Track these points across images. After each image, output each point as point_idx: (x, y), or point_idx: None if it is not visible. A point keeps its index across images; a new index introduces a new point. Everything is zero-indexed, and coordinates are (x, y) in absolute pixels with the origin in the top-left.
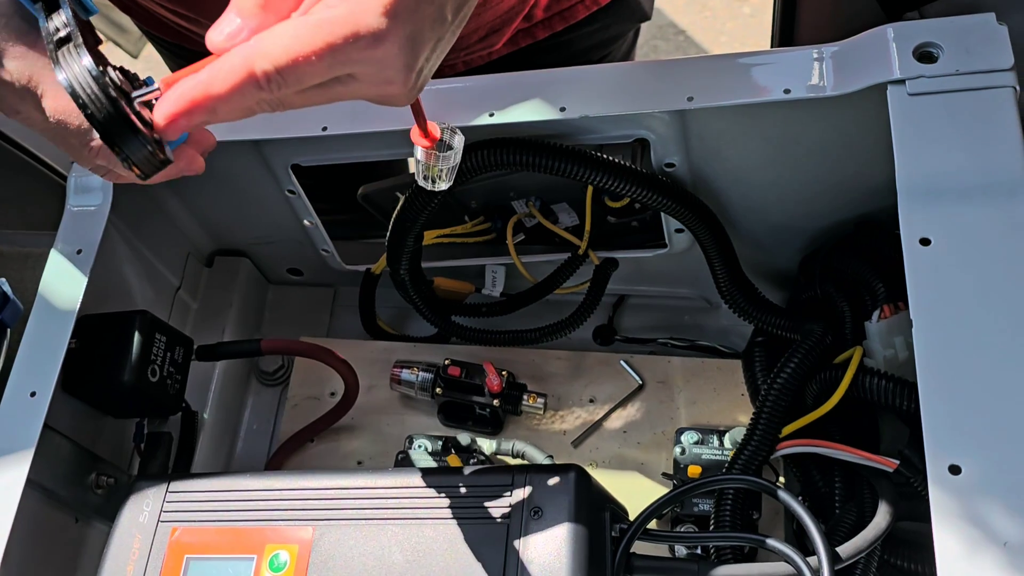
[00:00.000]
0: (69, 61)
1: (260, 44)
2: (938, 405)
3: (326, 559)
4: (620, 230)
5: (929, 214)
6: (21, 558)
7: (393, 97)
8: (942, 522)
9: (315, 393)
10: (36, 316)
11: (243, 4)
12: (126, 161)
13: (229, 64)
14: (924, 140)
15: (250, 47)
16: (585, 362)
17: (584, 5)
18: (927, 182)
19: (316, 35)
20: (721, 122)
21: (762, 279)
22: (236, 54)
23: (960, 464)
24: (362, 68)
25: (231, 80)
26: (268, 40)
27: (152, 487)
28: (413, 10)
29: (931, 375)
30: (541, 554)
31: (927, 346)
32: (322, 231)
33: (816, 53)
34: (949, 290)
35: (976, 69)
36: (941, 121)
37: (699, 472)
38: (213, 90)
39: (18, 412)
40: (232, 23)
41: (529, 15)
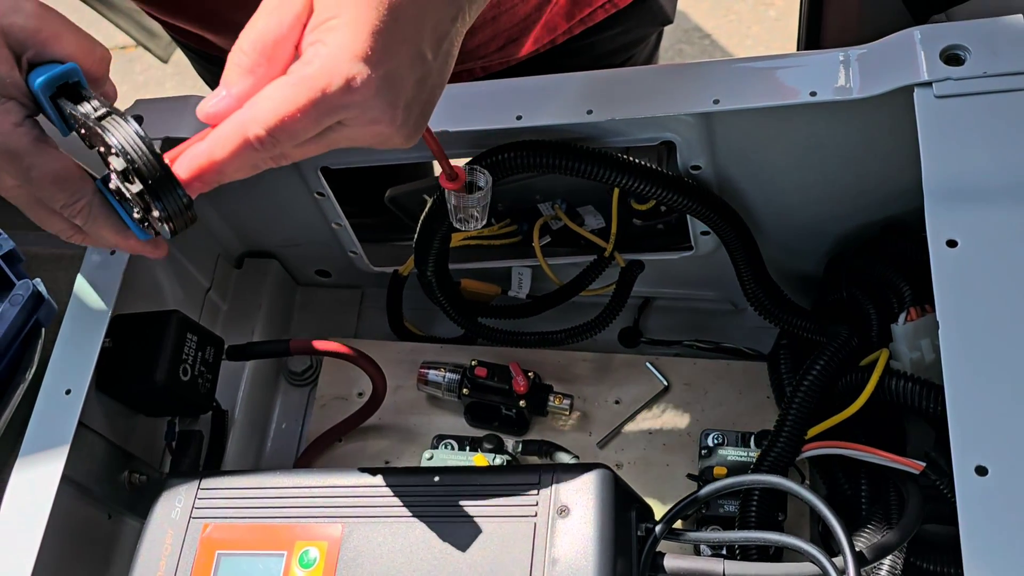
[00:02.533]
0: (117, 127)
1: (251, 110)
2: (965, 406)
3: (355, 556)
4: (646, 233)
5: (956, 216)
6: (56, 553)
7: (388, 137)
8: (969, 523)
9: (343, 393)
10: (71, 315)
11: (228, 75)
12: (165, 217)
13: (225, 132)
14: (951, 142)
15: (242, 114)
16: (611, 364)
17: (604, 9)
18: (954, 184)
19: (298, 93)
20: (747, 125)
21: (788, 281)
22: (230, 122)
23: (987, 465)
24: (347, 114)
25: (229, 147)
26: (257, 105)
27: (184, 484)
28: (386, 51)
29: (958, 376)
30: (568, 553)
31: (954, 347)
32: (350, 233)
33: (843, 56)
34: (976, 292)
35: (1004, 71)
36: (968, 123)
37: (724, 473)
38: (216, 157)
39: (54, 409)
40: (219, 95)
41: (549, 23)
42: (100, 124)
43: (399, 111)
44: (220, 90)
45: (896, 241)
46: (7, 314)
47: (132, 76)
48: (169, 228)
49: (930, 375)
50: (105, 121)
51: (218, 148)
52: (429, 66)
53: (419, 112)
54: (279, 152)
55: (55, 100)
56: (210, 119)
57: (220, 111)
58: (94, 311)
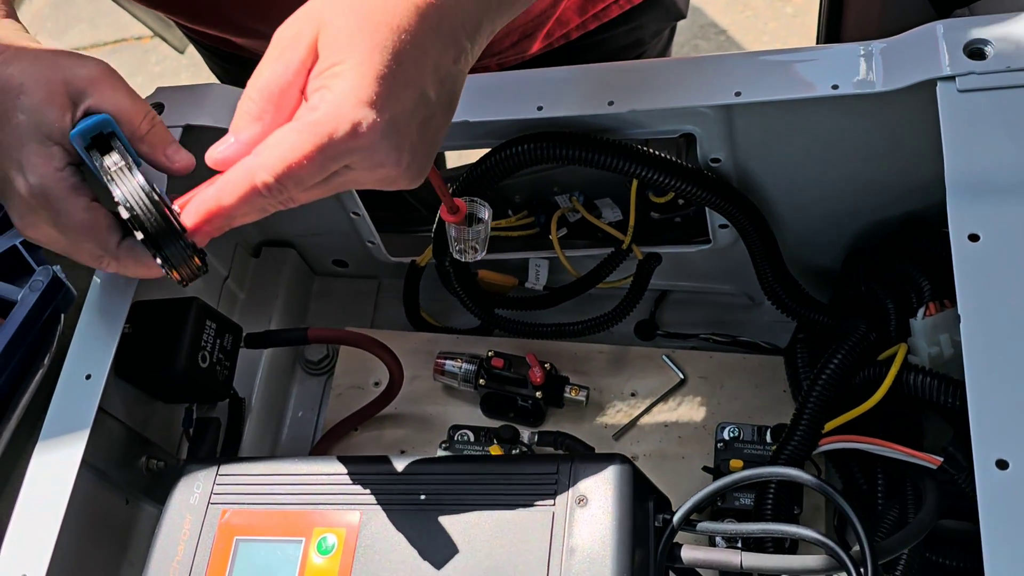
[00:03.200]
0: (123, 180)
1: (259, 157)
2: (985, 400)
3: (373, 543)
4: (664, 225)
5: (978, 210)
6: (74, 537)
7: (393, 179)
8: (989, 517)
9: (359, 383)
10: (91, 302)
11: (237, 122)
12: (167, 267)
13: (233, 179)
14: (974, 136)
15: (250, 160)
16: (627, 356)
17: (618, 4)
18: (976, 178)
19: (304, 139)
20: (768, 117)
21: (806, 276)
22: (238, 169)
23: (1007, 459)
24: (353, 158)
25: (237, 193)
26: (264, 152)
27: (203, 470)
28: (390, 96)
29: (978, 370)
30: (586, 542)
31: (975, 341)
32: (368, 223)
33: (865, 49)
34: (998, 286)
35: None
36: (991, 117)
37: (740, 466)
38: (224, 203)
39: (74, 394)
40: (227, 141)
41: (562, 18)
42: (110, 175)
43: (404, 154)
44: (228, 136)
45: (915, 236)
46: (27, 299)
47: (148, 66)
48: (175, 276)
49: (948, 370)
50: (114, 172)
51: (226, 194)
52: (432, 108)
53: (424, 153)
54: (287, 196)
55: (88, 150)
56: (219, 165)
57: (228, 157)
58: (114, 297)
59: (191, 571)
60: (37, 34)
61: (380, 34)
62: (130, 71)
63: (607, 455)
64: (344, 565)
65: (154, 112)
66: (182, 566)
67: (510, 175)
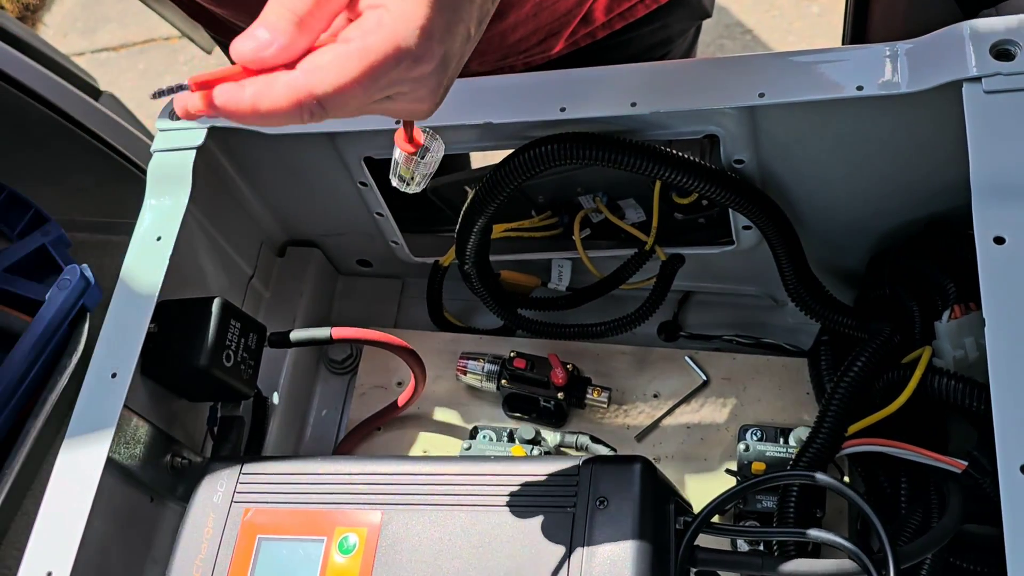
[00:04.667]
0: None
1: (309, 78)
2: (1010, 404)
3: (394, 543)
4: (687, 226)
5: (1004, 212)
6: (99, 534)
7: (420, 113)
8: (1013, 522)
9: (382, 382)
10: (117, 300)
11: (275, 22)
12: None
13: (278, 92)
14: (1000, 138)
15: (299, 79)
16: (650, 357)
17: (644, 4)
18: (1002, 180)
19: (359, 65)
20: (792, 119)
21: (830, 278)
22: (284, 84)
23: None
24: (399, 89)
25: (277, 104)
26: (317, 75)
27: (226, 469)
28: (446, 31)
29: (1003, 374)
30: (606, 544)
31: (1000, 344)
32: (392, 223)
33: (890, 50)
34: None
35: None
36: (1019, 119)
37: (763, 469)
38: (259, 108)
39: (100, 392)
40: (262, 39)
41: (588, 17)
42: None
43: (442, 90)
44: (263, 32)
45: (940, 238)
46: (54, 298)
47: (177, 66)
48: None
49: (973, 373)
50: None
51: (265, 101)
52: (471, 46)
53: (448, 88)
54: (322, 117)
55: None
56: (253, 64)
57: (266, 61)
58: (140, 296)
59: (214, 569)
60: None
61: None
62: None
63: (628, 457)
64: (365, 565)
65: None
66: (205, 564)
67: (534, 176)
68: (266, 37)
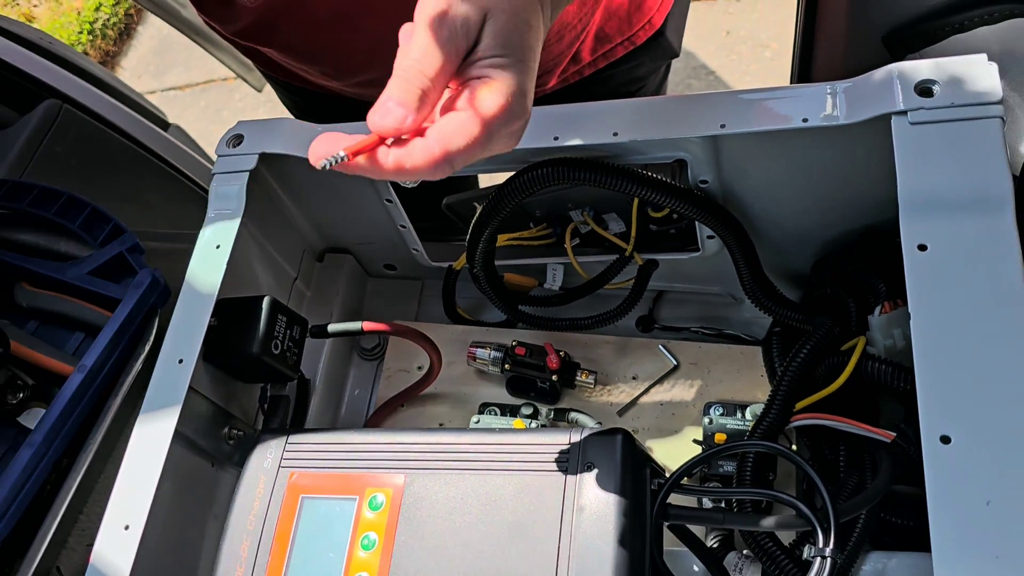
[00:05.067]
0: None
1: (440, 144)
2: (932, 384)
3: (415, 501)
4: (660, 236)
5: (926, 224)
6: (168, 494)
7: (509, 150)
8: (935, 484)
9: (405, 367)
10: (184, 298)
11: (406, 99)
12: None
13: (416, 156)
14: (923, 162)
15: (432, 146)
16: (629, 346)
17: (623, 46)
18: (925, 197)
19: (478, 129)
20: (748, 146)
21: (780, 279)
22: (423, 150)
23: (950, 435)
24: (501, 138)
25: (417, 165)
26: (446, 140)
27: (274, 439)
28: (532, 94)
29: (926, 359)
30: (593, 501)
31: (924, 335)
32: (413, 234)
33: (831, 88)
34: (943, 288)
35: (968, 102)
36: (938, 146)
37: (724, 439)
38: (404, 168)
39: (169, 375)
40: (397, 115)
41: (577, 57)
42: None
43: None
44: (398, 109)
45: (873, 246)
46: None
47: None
48: None
49: (901, 359)
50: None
51: (408, 163)
52: None
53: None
54: (449, 172)
55: None
56: (391, 135)
57: (401, 132)
58: (202, 295)
59: (264, 523)
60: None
61: (530, 35)
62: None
63: (611, 429)
64: (391, 519)
65: None
66: (257, 519)
67: (532, 194)
68: (400, 113)
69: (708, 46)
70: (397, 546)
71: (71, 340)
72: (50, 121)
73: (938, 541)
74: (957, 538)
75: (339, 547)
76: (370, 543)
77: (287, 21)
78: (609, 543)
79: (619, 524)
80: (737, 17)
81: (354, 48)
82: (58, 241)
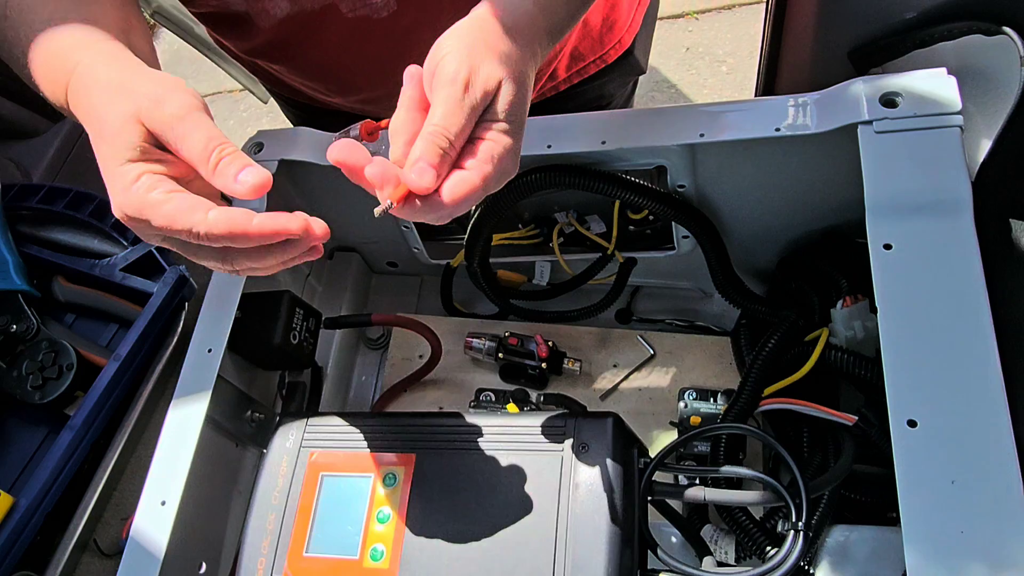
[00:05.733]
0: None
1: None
2: (898, 373)
3: (425, 478)
4: (638, 236)
5: (891, 225)
6: (199, 472)
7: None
8: (902, 465)
9: (408, 355)
10: (211, 293)
11: (435, 160)
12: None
13: (471, 186)
14: (888, 168)
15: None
16: (610, 336)
17: (595, 64)
18: (889, 200)
19: (483, 187)
20: (724, 153)
21: (748, 275)
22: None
23: (916, 419)
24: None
25: (440, 213)
26: (493, 179)
27: (296, 422)
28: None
29: (893, 349)
30: (587, 479)
31: (890, 327)
32: (415, 234)
33: (802, 100)
34: (907, 284)
35: (930, 112)
36: (901, 153)
37: (699, 422)
38: (430, 214)
39: (199, 364)
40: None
41: (553, 75)
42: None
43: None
44: (429, 170)
45: (835, 245)
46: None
47: (238, 113)
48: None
49: (861, 349)
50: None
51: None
52: None
53: None
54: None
55: None
56: (422, 192)
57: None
58: (228, 290)
59: (287, 499)
60: None
61: (527, 103)
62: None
63: (603, 412)
64: (403, 495)
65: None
66: (281, 495)
67: (525, 197)
68: (432, 176)
69: (669, 62)
70: (409, 520)
71: (105, 332)
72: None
73: (907, 518)
74: (925, 515)
75: (357, 521)
76: (385, 517)
77: (298, 43)
78: (603, 516)
79: (611, 499)
80: (696, 35)
81: (358, 69)
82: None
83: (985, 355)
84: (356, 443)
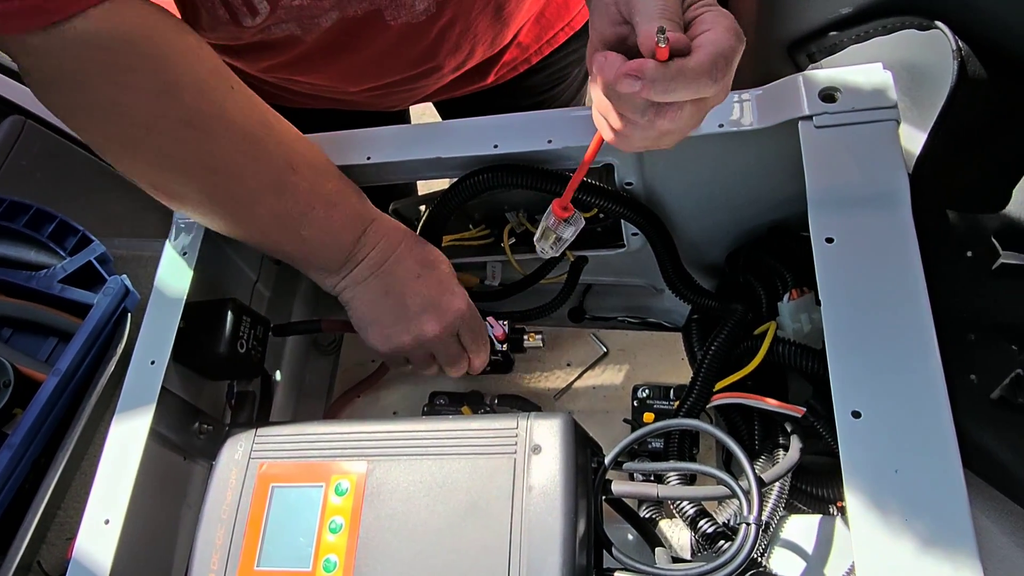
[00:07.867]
0: None
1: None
2: (842, 365)
3: (378, 486)
4: (589, 234)
5: (832, 219)
6: (145, 487)
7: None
8: (847, 455)
9: (361, 360)
10: (153, 303)
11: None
12: None
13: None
14: (828, 162)
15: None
16: (562, 335)
17: (563, 31)
18: (830, 194)
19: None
20: (669, 150)
21: (697, 270)
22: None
23: (860, 410)
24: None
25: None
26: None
27: (244, 432)
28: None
29: (836, 342)
30: (541, 480)
31: (833, 320)
32: None
33: (743, 96)
34: (849, 277)
35: (867, 106)
36: (841, 147)
37: (652, 418)
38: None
39: (142, 376)
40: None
41: (523, 46)
42: None
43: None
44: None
45: (781, 238)
46: (101, 303)
47: None
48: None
49: (808, 342)
50: None
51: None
52: None
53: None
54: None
55: None
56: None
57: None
58: (171, 299)
59: (237, 511)
60: None
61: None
62: None
63: (555, 413)
64: (356, 504)
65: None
66: (230, 508)
67: (473, 197)
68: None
69: None
70: (363, 528)
71: (44, 346)
72: (14, 136)
73: (853, 506)
74: (870, 503)
75: (308, 532)
76: (337, 527)
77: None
78: (557, 519)
79: (565, 501)
80: None
81: (384, 65)
82: (28, 251)
83: (925, 346)
84: (306, 452)
